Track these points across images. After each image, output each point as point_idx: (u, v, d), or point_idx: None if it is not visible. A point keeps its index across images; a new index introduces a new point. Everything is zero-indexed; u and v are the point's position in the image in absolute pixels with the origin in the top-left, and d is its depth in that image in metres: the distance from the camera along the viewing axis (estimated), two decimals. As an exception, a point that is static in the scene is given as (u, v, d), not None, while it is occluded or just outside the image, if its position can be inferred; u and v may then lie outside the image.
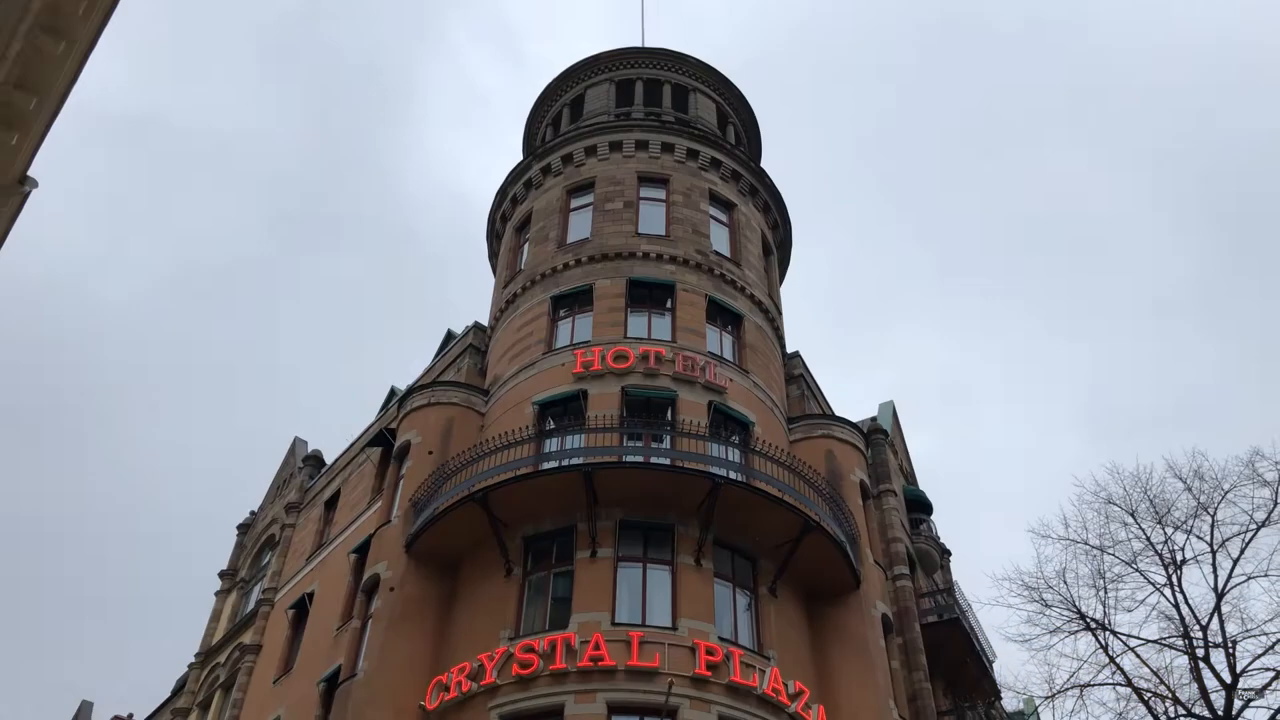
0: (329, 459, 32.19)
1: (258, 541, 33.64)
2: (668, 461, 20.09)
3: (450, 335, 30.11)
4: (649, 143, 27.89)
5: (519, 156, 33.12)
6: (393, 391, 31.39)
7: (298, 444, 35.25)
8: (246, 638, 28.76)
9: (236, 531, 35.69)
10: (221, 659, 30.28)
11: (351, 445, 30.06)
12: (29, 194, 10.68)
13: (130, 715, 37.88)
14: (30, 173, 10.57)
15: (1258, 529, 14.94)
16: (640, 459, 20.24)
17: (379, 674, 19.10)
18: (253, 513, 35.89)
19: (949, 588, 28.86)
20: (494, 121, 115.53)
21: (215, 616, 33.05)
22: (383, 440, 25.46)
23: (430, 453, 22.31)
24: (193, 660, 31.96)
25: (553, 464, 19.99)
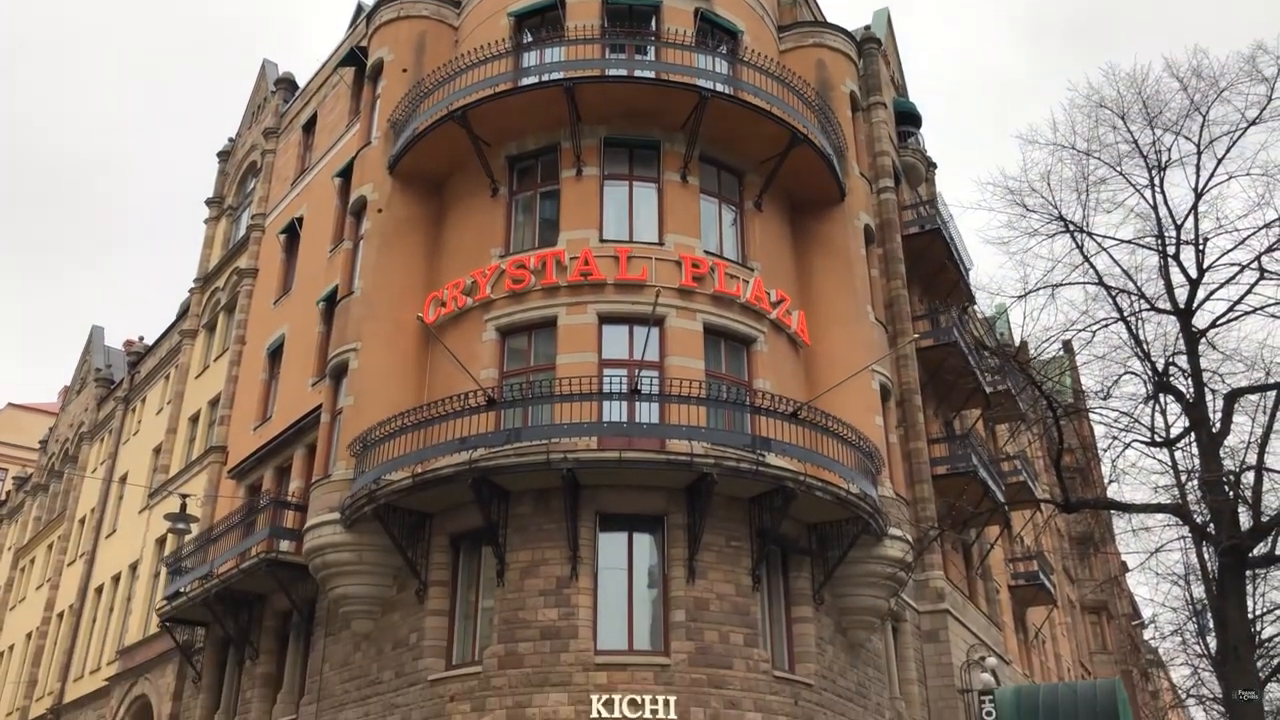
0: (301, 81, 31.10)
1: (240, 168, 33.35)
2: (652, 74, 19.40)
3: (415, -59, 27.82)
4: None
5: None
6: (360, 7, 29.63)
7: (267, 67, 33.87)
8: (242, 262, 29.40)
9: (217, 159, 35.30)
10: (220, 283, 31.17)
11: (323, 66, 28.88)
12: None
13: (141, 338, 39.68)
14: None
15: (1248, 126, 14.78)
16: (624, 72, 19.53)
17: (375, 291, 19.70)
18: (231, 140, 35.26)
19: (932, 200, 29.20)
20: None
21: (209, 243, 33.58)
22: (354, 59, 24.40)
23: (404, 70, 21.44)
24: (193, 285, 32.91)
25: (532, 79, 19.30)
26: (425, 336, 19.25)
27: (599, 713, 15.25)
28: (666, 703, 15.41)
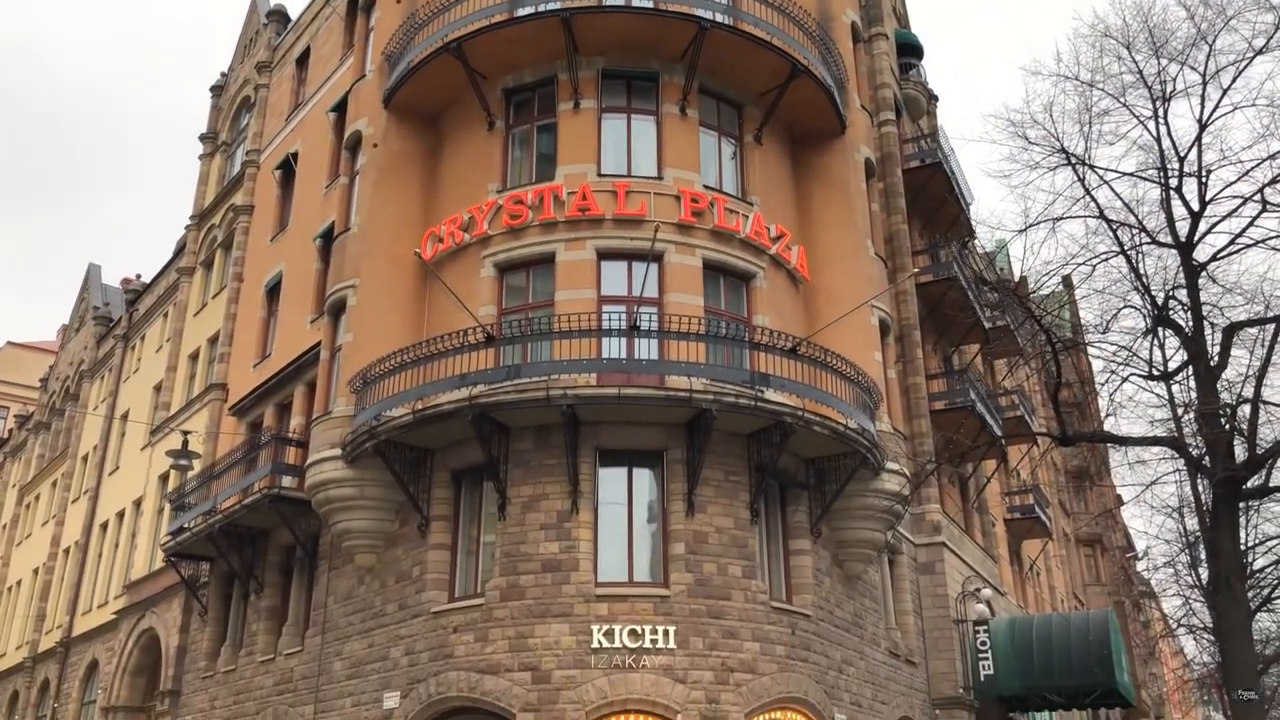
0: (294, 13, 30.53)
1: (233, 104, 32.92)
2: (650, 3, 19.02)
3: None
4: None
5: None
6: (351, -65, 28.95)
7: (258, -2, 33.25)
8: (238, 199, 29.17)
9: (210, 94, 34.83)
10: (216, 220, 30.97)
11: (315, -3, 28.35)
12: None
13: (138, 275, 39.59)
14: None
15: (1254, 56, 14.53)
16: (621, 2, 19.12)
17: (372, 227, 19.57)
18: (223, 74, 34.75)
19: (933, 133, 28.90)
20: None
21: (203, 180, 33.28)
22: (347, -11, 23.98)
23: (398, 1, 21.04)
24: (189, 222, 32.71)
25: (528, 9, 18.92)
26: (423, 272, 19.18)
27: (600, 643, 15.52)
28: (666, 633, 15.68)
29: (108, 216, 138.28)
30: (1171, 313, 15.11)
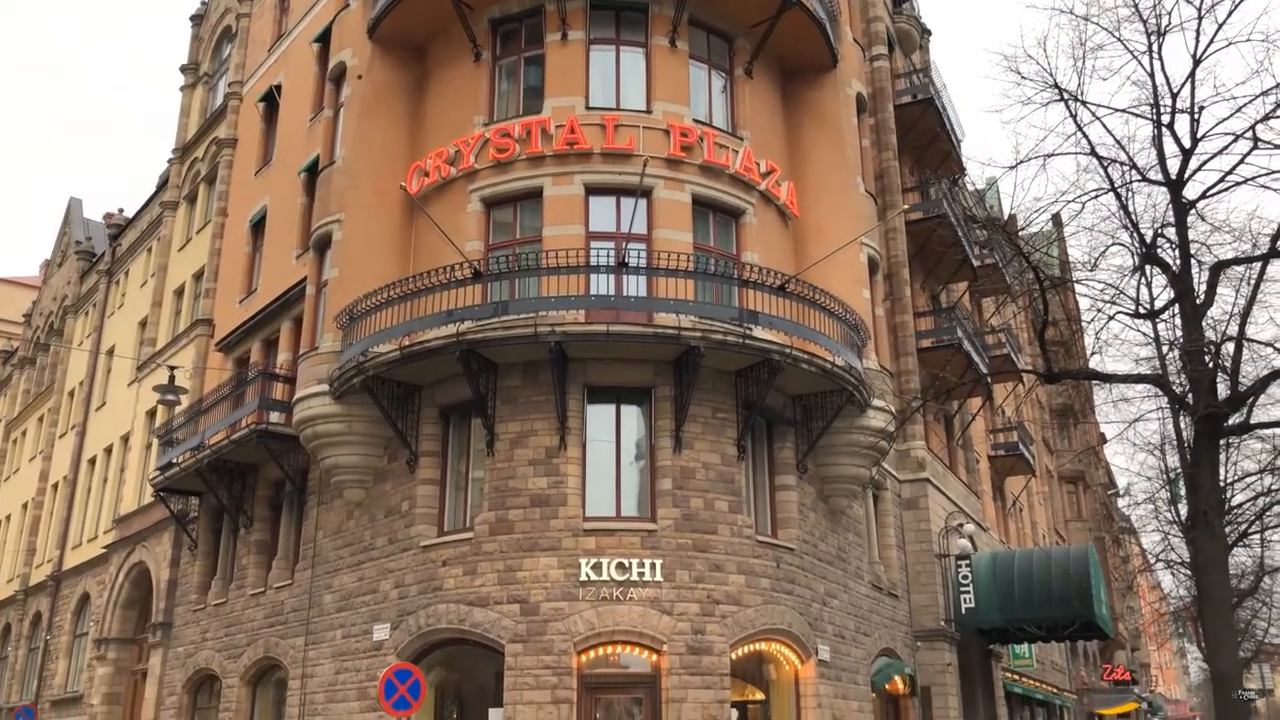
0: (273, -60, 29.76)
1: (214, 33, 32.23)
2: (640, -68, 18.68)
3: None
4: None
5: None
6: None
7: (237, -76, 32.35)
8: (221, 132, 28.71)
9: (190, 23, 34.09)
10: (199, 153, 30.51)
11: (296, -77, 27.61)
12: None
13: (120, 210, 39.08)
14: None
15: (1253, -12, 14.36)
16: (610, -70, 18.80)
17: (357, 160, 19.32)
18: (204, 2, 33.99)
19: (926, 68, 28.58)
20: None
21: (185, 112, 32.70)
22: (329, -85, 23.34)
23: (382, -73, 20.53)
24: (171, 156, 32.22)
25: (516, -64, 18.54)
26: (409, 207, 19.00)
27: (587, 575, 15.72)
28: (653, 565, 15.88)
29: (92, 150, 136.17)
30: (1160, 250, 15.06)
